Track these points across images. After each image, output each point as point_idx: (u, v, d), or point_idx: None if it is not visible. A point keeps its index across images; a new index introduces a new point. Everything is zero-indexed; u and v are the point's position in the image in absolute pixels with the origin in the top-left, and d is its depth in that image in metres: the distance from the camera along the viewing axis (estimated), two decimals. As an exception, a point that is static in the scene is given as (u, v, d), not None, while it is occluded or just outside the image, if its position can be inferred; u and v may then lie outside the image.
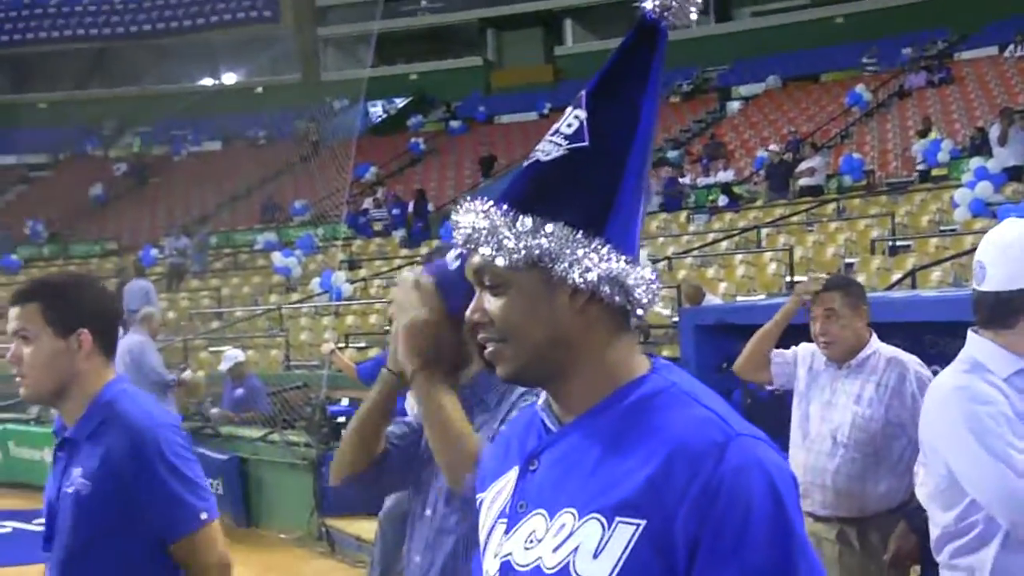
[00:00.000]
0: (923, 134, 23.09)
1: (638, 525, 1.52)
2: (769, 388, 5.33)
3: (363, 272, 24.16)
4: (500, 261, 1.64)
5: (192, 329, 21.73)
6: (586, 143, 1.65)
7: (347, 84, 37.55)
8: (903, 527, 4.44)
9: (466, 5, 43.20)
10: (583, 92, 1.70)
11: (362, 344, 18.42)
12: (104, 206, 37.81)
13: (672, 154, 28.49)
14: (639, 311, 1.67)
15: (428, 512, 2.71)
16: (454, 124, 38.78)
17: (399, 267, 24.03)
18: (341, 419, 10.87)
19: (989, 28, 31.69)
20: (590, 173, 1.65)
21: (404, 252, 25.52)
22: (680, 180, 24.62)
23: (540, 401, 1.75)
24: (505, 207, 1.66)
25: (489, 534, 1.73)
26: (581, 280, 1.62)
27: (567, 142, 1.66)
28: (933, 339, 5.84)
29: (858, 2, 38.22)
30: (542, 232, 1.62)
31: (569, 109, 1.70)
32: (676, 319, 14.21)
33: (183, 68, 43.55)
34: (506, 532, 1.67)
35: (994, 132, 18.62)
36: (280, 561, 9.93)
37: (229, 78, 45.05)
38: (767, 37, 36.93)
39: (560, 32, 43.98)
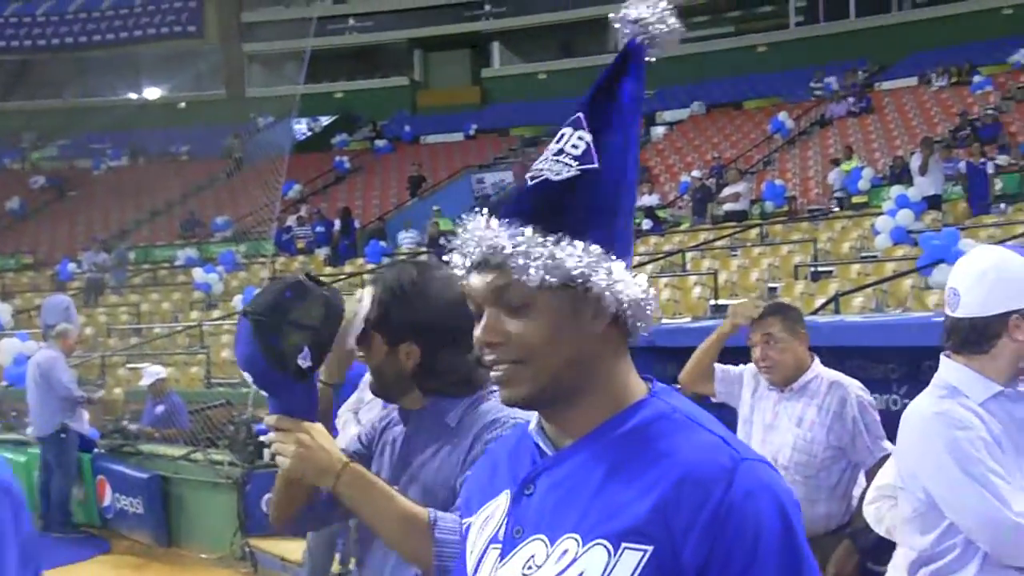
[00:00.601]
0: (837, 162, 23.48)
1: (645, 551, 1.51)
2: (713, 401, 5.34)
3: (286, 290, 23.90)
4: (532, 280, 1.60)
5: (110, 346, 21.39)
6: (596, 164, 1.65)
7: (272, 101, 37.32)
8: (847, 546, 4.47)
9: (394, 25, 43.16)
10: (580, 114, 1.70)
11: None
12: (22, 219, 37.14)
13: (597, 177, 28.63)
14: (641, 332, 1.66)
15: None
16: (380, 143, 38.67)
17: (323, 285, 23.82)
18: (262, 438, 10.71)
19: (909, 59, 32.34)
20: (602, 194, 1.65)
21: (329, 270, 25.34)
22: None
23: (532, 424, 1.72)
24: (531, 227, 1.62)
25: (480, 560, 1.69)
26: (613, 301, 1.61)
27: (577, 163, 1.65)
28: (858, 364, 5.88)
29: (780, 31, 38.85)
30: (574, 251, 1.60)
31: (569, 130, 1.69)
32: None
33: (105, 82, 43.02)
34: (501, 558, 1.64)
35: (915, 161, 18.94)
36: (202, 582, 9.78)
37: (152, 93, 44.56)
38: (691, 64, 37.24)
39: (487, 54, 44.13)
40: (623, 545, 1.52)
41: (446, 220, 26.48)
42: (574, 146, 1.67)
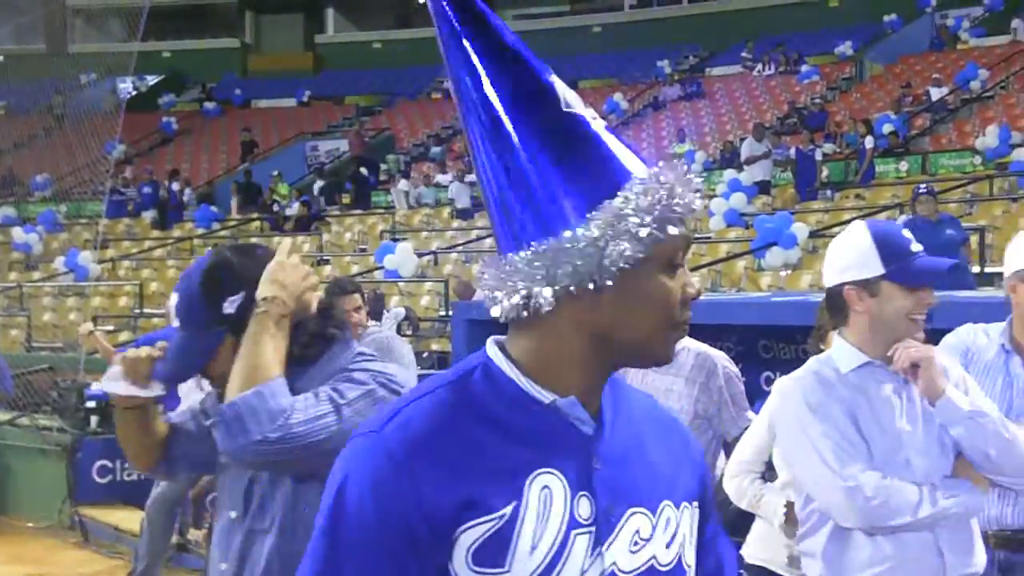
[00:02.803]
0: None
1: (697, 504, 1.67)
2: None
3: (111, 252, 23.26)
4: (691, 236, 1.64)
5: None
6: None
7: (96, 58, 36.05)
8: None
9: (225, -15, 42.29)
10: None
11: (111, 327, 17.72)
12: None
13: (435, 150, 28.62)
14: None
15: (232, 514, 2.54)
16: (209, 105, 37.84)
17: (150, 248, 23.29)
18: (91, 403, 10.45)
19: (738, 46, 33.13)
20: None
21: (156, 233, 24.77)
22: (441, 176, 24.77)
23: (548, 394, 1.55)
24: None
25: (563, 551, 1.51)
26: None
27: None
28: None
29: (615, 13, 39.33)
30: None
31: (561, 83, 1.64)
32: (443, 313, 14.31)
33: (-84, 30, 41.00)
34: (601, 541, 1.52)
35: (748, 148, 19.34)
36: (29, 551, 9.43)
37: (-33, 43, 42.64)
38: (528, 40, 37.15)
39: (322, 20, 43.55)
40: (695, 503, 1.65)
41: (284, 185, 26.11)
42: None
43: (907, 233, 3.02)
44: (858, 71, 29.11)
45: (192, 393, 8.05)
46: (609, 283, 1.50)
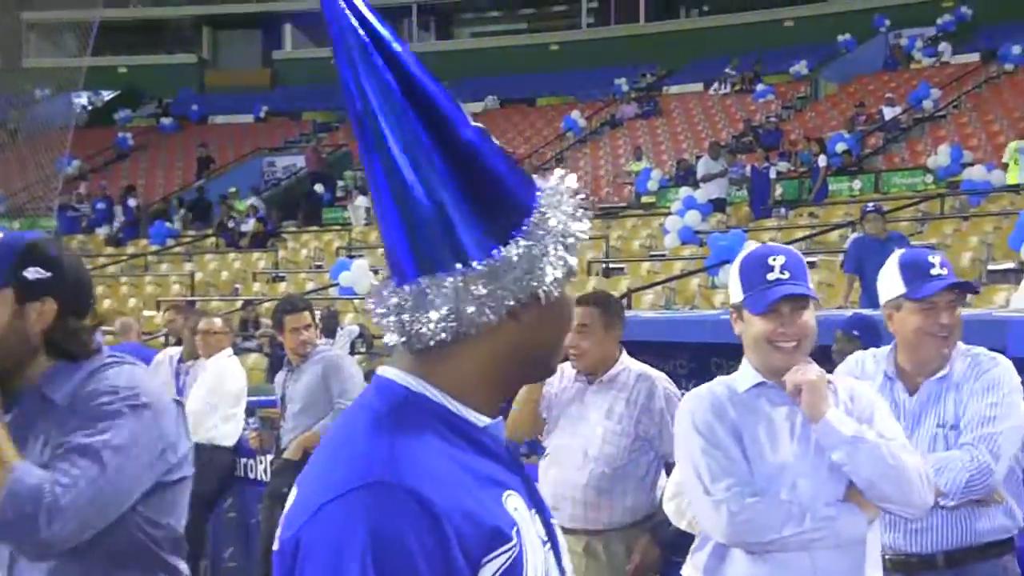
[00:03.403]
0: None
1: None
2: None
3: (64, 269, 22.99)
4: None
5: None
6: None
7: (51, 73, 35.82)
8: (646, 540, 4.57)
9: (181, 0, 42.05)
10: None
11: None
12: None
13: (391, 167, 28.60)
14: None
15: None
16: (165, 121, 37.61)
17: (103, 265, 23.08)
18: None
19: (694, 65, 33.31)
20: None
21: (109, 250, 24.56)
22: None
23: (476, 416, 1.54)
24: None
25: (547, 570, 1.53)
26: None
27: None
28: (648, 358, 6.02)
29: (573, 31, 39.46)
30: None
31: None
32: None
33: None
34: (556, 555, 1.57)
35: (704, 166, 19.44)
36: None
37: (-80, 57, 42.19)
38: (486, 58, 37.56)
39: (279, 36, 43.42)
40: None
41: (242, 202, 25.99)
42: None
43: (774, 260, 2.95)
44: (813, 90, 29.36)
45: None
46: (554, 297, 1.50)
